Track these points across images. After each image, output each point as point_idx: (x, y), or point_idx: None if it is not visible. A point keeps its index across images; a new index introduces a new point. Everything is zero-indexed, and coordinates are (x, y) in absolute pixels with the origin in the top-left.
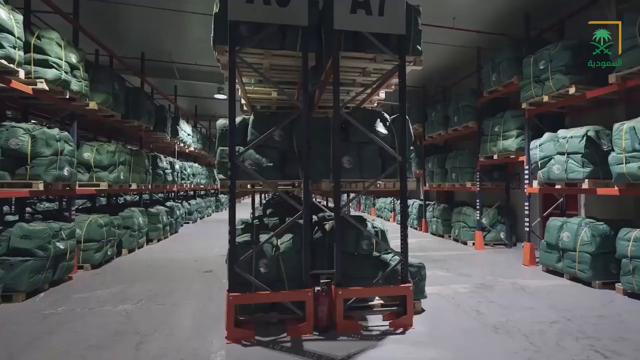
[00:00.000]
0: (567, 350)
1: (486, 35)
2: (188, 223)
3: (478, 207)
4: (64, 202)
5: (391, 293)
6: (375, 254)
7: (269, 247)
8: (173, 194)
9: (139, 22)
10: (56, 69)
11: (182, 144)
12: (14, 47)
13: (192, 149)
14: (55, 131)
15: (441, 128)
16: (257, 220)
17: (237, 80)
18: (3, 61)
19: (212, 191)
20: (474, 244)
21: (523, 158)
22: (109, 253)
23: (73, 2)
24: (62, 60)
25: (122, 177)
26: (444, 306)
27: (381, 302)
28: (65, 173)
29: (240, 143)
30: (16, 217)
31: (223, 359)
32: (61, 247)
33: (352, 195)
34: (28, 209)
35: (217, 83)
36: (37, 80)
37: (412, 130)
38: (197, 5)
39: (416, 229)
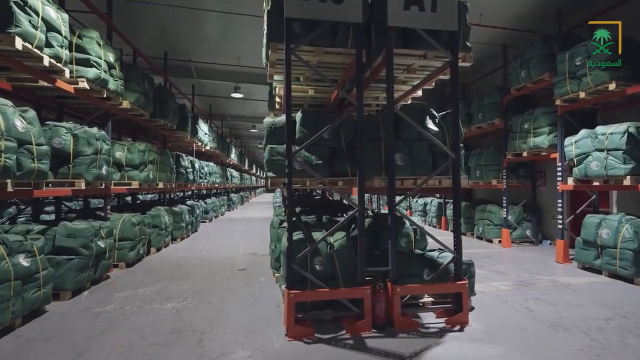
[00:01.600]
0: (633, 347)
1: (511, 32)
2: (205, 222)
3: (505, 204)
4: (89, 201)
5: (447, 290)
6: (418, 251)
7: (324, 245)
8: (191, 192)
9: (158, 20)
10: (96, 68)
11: (199, 143)
12: (61, 47)
13: (208, 148)
14: (94, 130)
15: (463, 126)
16: (295, 219)
17: (275, 78)
18: (52, 60)
19: (223, 190)
20: (499, 241)
21: (555, 155)
22: (140, 252)
23: (107, 1)
24: (101, 59)
25: (150, 176)
26: (492, 303)
27: (431, 299)
28: (104, 172)
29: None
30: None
31: (292, 357)
32: (102, 245)
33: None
34: (47, 208)
35: (234, 82)
36: (79, 79)
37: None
38: (215, 3)
39: (435, 227)
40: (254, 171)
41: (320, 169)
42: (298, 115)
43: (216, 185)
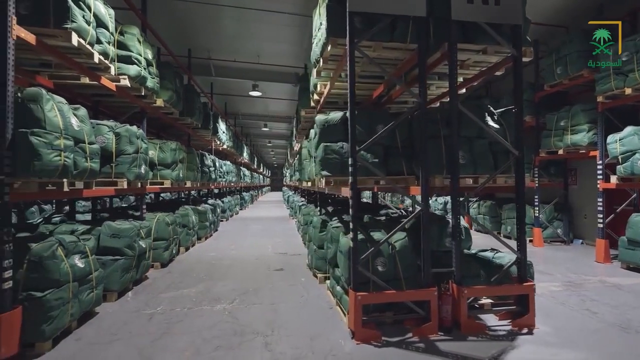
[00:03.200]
0: None
1: (541, 27)
2: (222, 221)
3: (536, 203)
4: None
5: (514, 292)
6: (466, 251)
7: (385, 245)
8: (208, 191)
9: (179, 17)
10: (137, 65)
11: (218, 142)
12: (109, 43)
13: (225, 146)
14: (134, 128)
15: None
16: (336, 218)
17: (315, 75)
18: (101, 57)
19: (236, 189)
20: (530, 241)
21: (595, 153)
22: (173, 252)
23: None
24: (141, 56)
25: (181, 175)
26: (550, 305)
27: (490, 301)
28: (142, 171)
29: (341, 138)
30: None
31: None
32: (143, 245)
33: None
34: (67, 207)
35: (252, 80)
36: (121, 76)
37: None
38: None
39: None
40: (261, 170)
41: (376, 167)
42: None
43: (232, 184)
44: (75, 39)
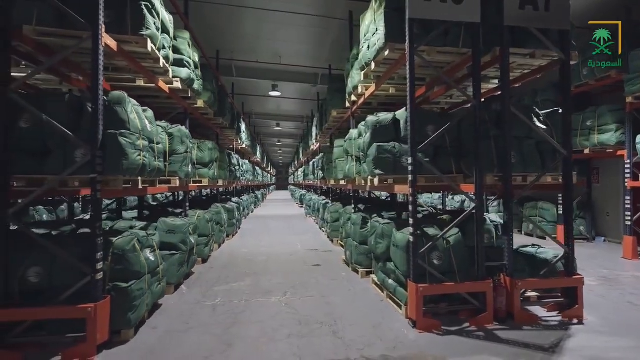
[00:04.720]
0: None
1: None
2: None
3: (560, 201)
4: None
5: (565, 284)
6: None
7: (441, 240)
8: (231, 190)
9: (205, 19)
10: (188, 68)
11: (239, 141)
12: (169, 48)
13: (244, 146)
14: (184, 129)
15: None
16: (375, 215)
17: (363, 78)
18: (164, 61)
19: (250, 187)
20: (554, 238)
21: (623, 152)
22: (211, 248)
23: (184, 2)
24: (191, 59)
25: (215, 174)
26: (591, 298)
27: (535, 294)
28: (190, 170)
29: (393, 138)
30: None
31: (435, 346)
32: (192, 241)
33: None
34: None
35: (272, 80)
36: (174, 79)
37: None
38: (255, 1)
39: None
40: (269, 169)
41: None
42: (402, 114)
43: (249, 182)
44: (149, 45)
